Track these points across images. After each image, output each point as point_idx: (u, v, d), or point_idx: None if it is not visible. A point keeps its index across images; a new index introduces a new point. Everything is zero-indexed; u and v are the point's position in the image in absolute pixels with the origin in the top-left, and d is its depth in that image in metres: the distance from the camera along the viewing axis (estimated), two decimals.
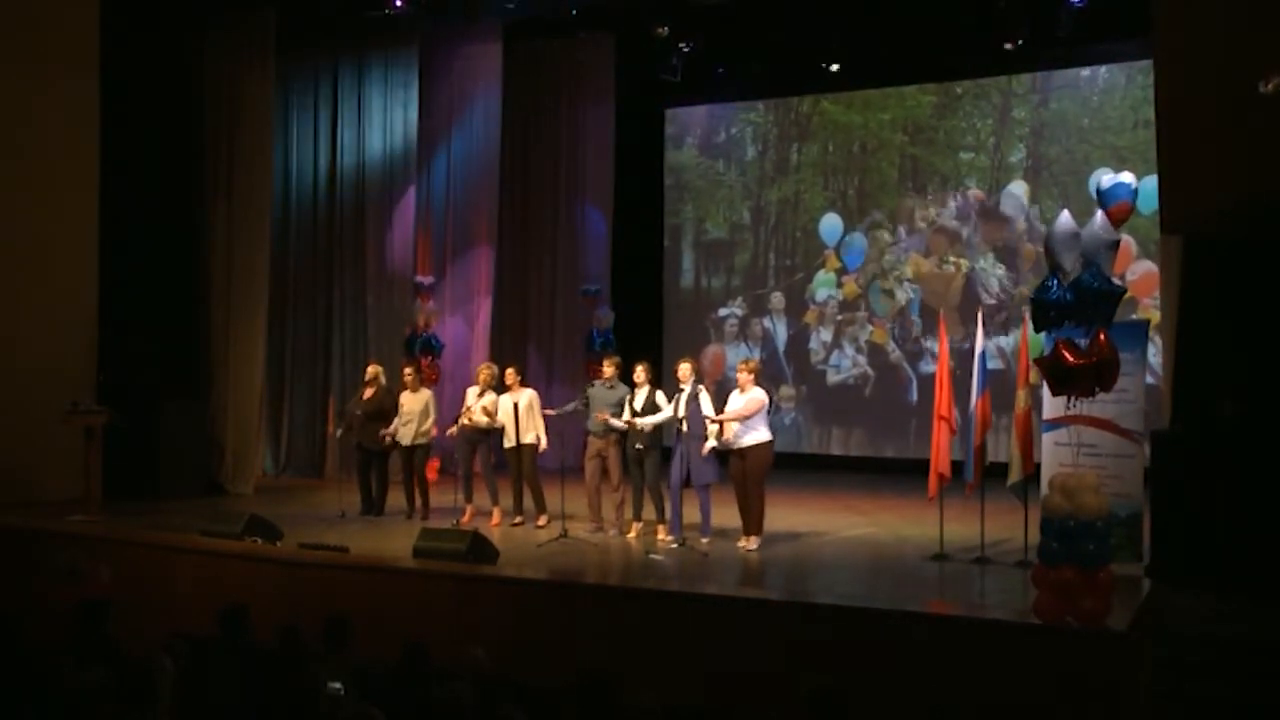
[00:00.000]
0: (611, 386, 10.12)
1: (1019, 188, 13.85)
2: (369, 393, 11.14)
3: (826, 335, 14.95)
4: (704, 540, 9.46)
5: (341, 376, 13.71)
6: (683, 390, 9.56)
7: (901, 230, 14.30)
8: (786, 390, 15.07)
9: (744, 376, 9.47)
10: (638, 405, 9.87)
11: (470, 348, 14.36)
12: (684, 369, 9.64)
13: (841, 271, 14.79)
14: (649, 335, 15.51)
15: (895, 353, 14.57)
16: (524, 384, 10.68)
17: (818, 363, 15.05)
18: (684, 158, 16.05)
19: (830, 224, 14.97)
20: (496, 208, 14.59)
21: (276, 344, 13.79)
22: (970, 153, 14.05)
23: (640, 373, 9.87)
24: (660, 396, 9.84)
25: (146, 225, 12.58)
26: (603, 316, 14.79)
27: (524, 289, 15.34)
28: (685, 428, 9.43)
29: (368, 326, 13.79)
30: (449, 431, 10.84)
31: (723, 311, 15.69)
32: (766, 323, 15.40)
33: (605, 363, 10.35)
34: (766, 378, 10.10)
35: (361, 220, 13.90)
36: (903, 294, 14.25)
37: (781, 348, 15.25)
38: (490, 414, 10.45)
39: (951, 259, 14.00)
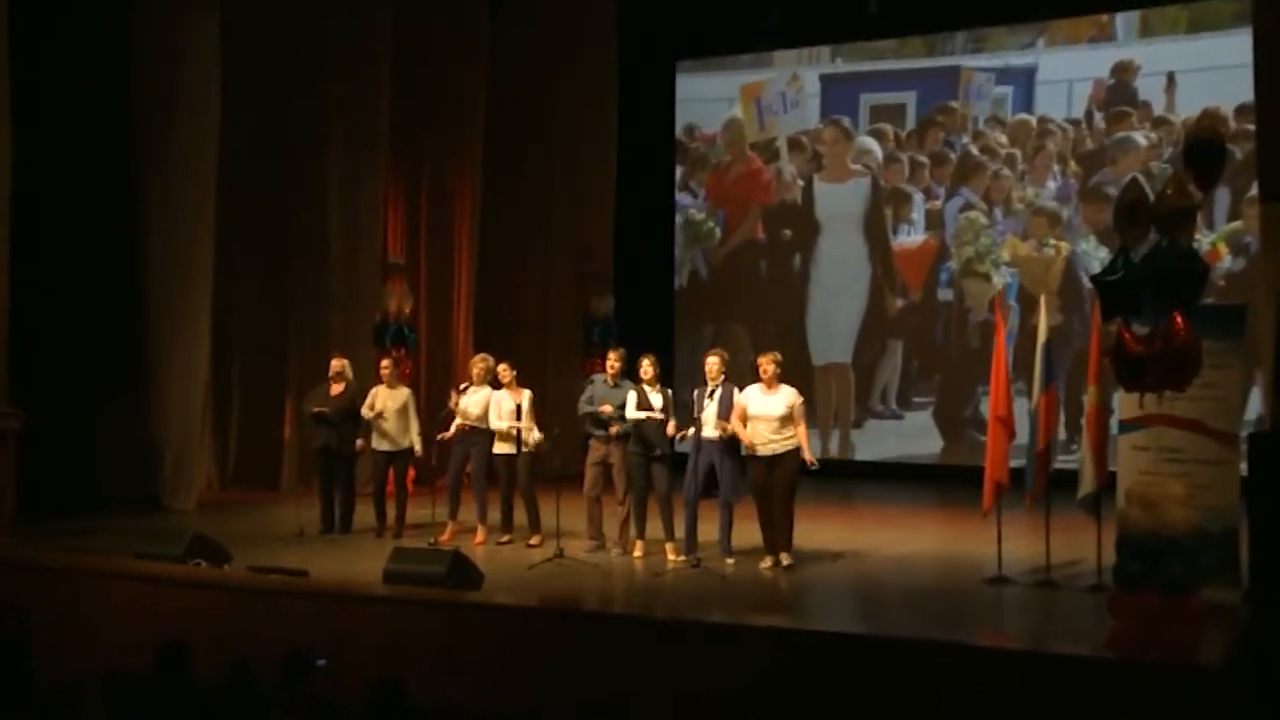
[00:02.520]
0: (616, 384, 10.13)
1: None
2: (336, 389, 11.14)
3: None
4: (729, 561, 9.57)
5: (300, 372, 13.71)
6: (710, 388, 9.53)
7: (998, 211, 14.66)
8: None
9: (772, 370, 9.47)
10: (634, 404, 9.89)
11: (449, 338, 14.37)
12: (713, 363, 9.62)
13: None
14: (657, 325, 15.56)
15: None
16: (520, 382, 10.69)
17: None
18: (700, 117, 16.04)
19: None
20: (480, 176, 14.56)
21: (223, 336, 13.79)
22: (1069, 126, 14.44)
23: (649, 368, 9.88)
24: (655, 396, 9.80)
25: (69, 200, 12.43)
26: (602, 303, 14.74)
27: (511, 271, 15.36)
28: (714, 433, 9.44)
29: (330, 314, 13.80)
30: (441, 436, 10.80)
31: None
32: None
33: (609, 357, 10.34)
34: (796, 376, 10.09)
35: (322, 190, 13.89)
36: (999, 278, 14.55)
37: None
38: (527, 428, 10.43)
39: (1051, 242, 14.31)
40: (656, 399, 9.85)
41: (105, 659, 7.61)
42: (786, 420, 9.36)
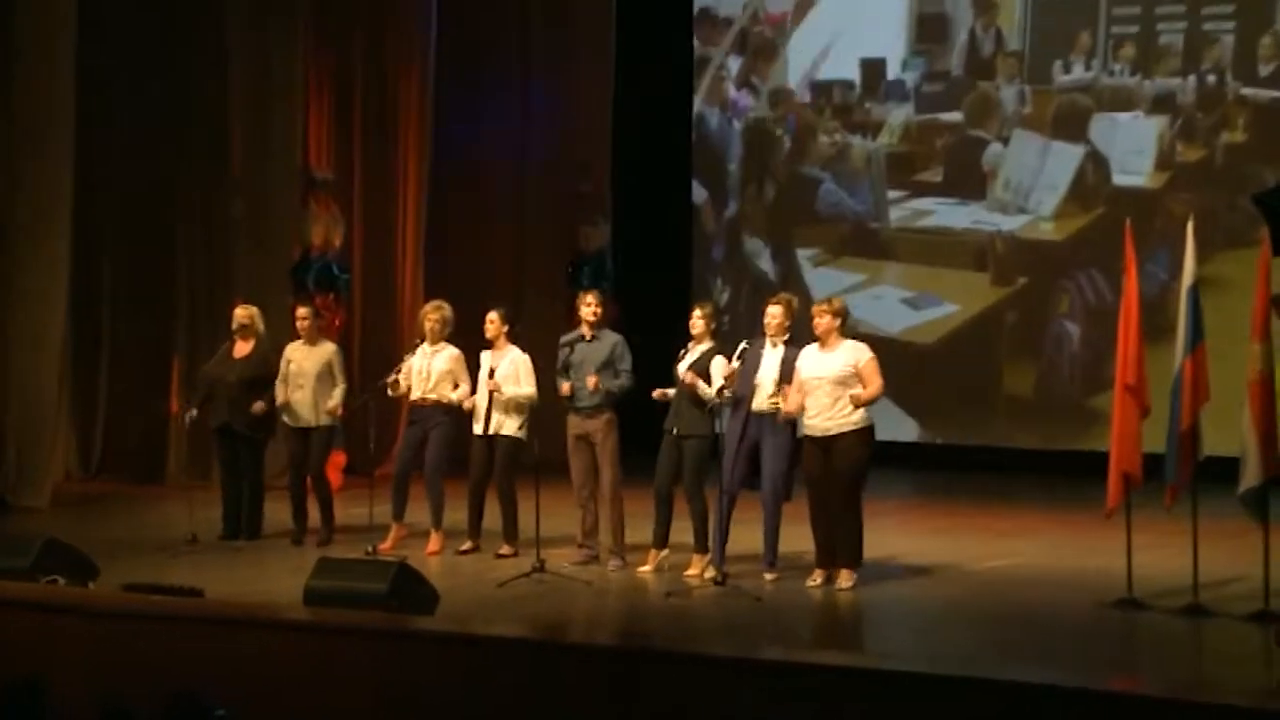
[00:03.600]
0: (594, 337, 10.22)
1: None
2: (243, 348, 11.13)
3: None
4: (768, 577, 9.66)
5: (191, 327, 13.78)
6: (769, 344, 9.63)
7: None
8: None
9: (826, 321, 9.49)
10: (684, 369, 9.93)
11: (393, 279, 14.42)
12: (775, 313, 9.70)
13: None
14: (671, 261, 15.50)
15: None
16: (513, 338, 10.65)
17: None
18: None
19: None
20: (432, 60, 14.52)
21: (89, 284, 13.85)
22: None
23: (698, 320, 9.96)
24: (719, 362, 9.81)
25: None
26: (595, 233, 14.80)
27: (475, 188, 15.40)
28: (762, 407, 9.52)
29: (232, 249, 13.79)
30: (391, 380, 10.70)
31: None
32: None
33: (584, 300, 10.43)
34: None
35: (219, 82, 13.87)
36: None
37: None
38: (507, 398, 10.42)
39: None
40: (690, 360, 9.87)
41: None
42: (848, 385, 9.35)
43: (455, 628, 8.16)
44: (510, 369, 10.45)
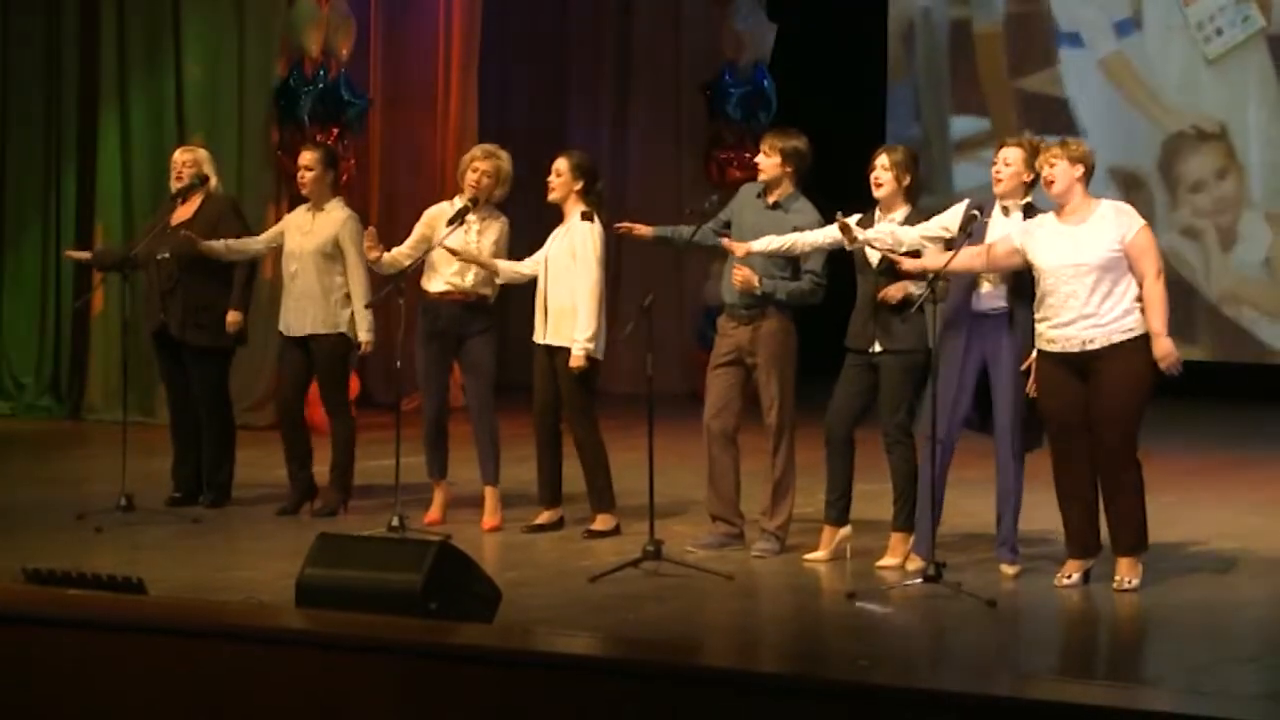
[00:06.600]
0: (778, 205, 10.14)
1: None
2: (185, 213, 11.07)
3: None
4: (1007, 569, 9.71)
5: (124, 172, 13.86)
6: (1000, 210, 9.61)
7: None
8: None
9: (1063, 170, 9.28)
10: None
11: (430, 108, 14.35)
12: (1011, 158, 9.58)
13: None
14: (858, 85, 15.49)
15: None
16: (589, 196, 10.56)
17: None
18: None
19: None
20: None
21: None
22: None
23: (883, 173, 9.86)
24: (939, 222, 9.70)
25: None
26: (744, 35, 14.86)
27: None
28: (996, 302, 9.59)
29: (180, 55, 13.80)
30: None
31: None
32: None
33: (765, 143, 10.26)
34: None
35: None
36: None
37: None
38: (483, 263, 10.38)
39: None
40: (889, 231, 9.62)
41: None
42: (1117, 272, 9.13)
43: (524, 644, 7.94)
44: (565, 245, 10.39)
